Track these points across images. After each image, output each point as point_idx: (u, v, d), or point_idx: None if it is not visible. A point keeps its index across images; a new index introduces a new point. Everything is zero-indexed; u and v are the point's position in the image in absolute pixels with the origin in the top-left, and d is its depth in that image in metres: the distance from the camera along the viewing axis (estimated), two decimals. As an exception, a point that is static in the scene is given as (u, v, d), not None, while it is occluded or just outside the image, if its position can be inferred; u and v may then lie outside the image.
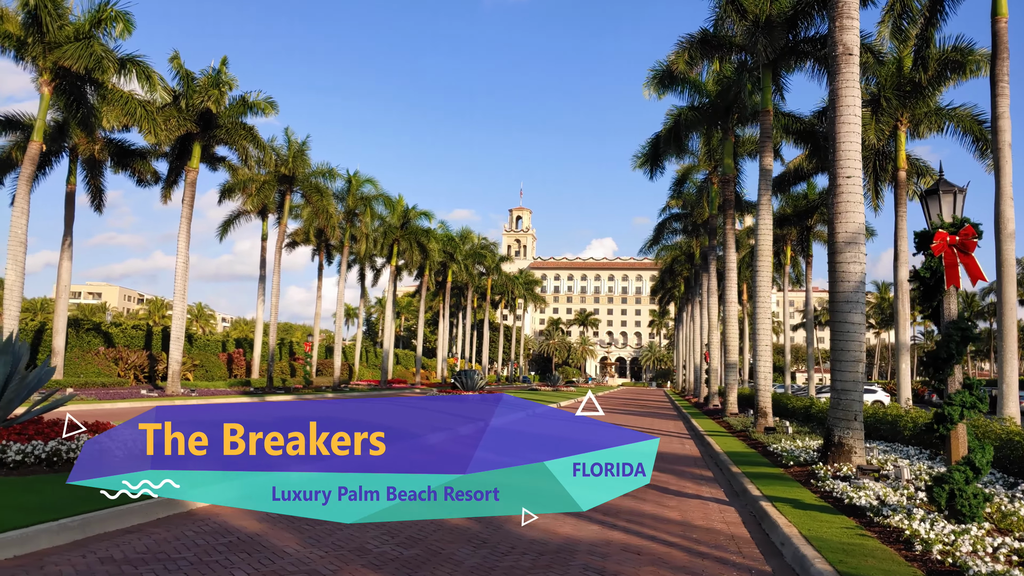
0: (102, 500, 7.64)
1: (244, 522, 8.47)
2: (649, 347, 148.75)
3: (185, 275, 35.38)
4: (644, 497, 11.48)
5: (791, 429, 20.83)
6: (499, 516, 9.30)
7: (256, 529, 8.14)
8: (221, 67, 35.48)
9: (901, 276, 29.85)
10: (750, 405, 37.69)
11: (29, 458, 9.44)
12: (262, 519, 8.65)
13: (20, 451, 9.44)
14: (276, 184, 43.04)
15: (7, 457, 9.33)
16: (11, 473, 9.32)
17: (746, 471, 13.52)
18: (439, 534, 8.31)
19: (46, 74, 27.20)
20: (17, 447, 9.46)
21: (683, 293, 74.41)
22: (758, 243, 23.28)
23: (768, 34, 21.52)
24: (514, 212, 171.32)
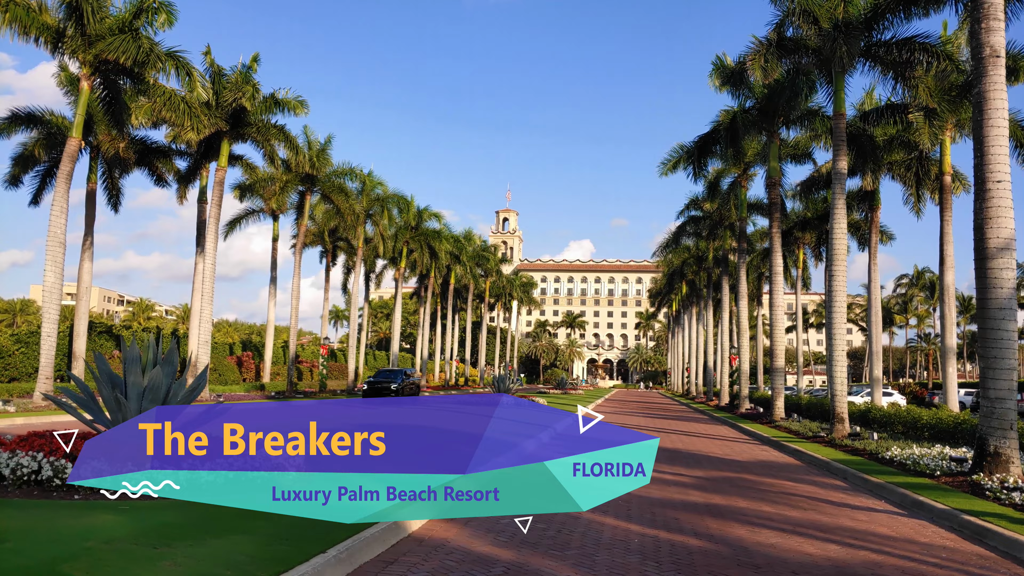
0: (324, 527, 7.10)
1: (482, 547, 7.94)
2: (636, 349, 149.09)
3: (211, 277, 34.50)
4: (812, 508, 11.13)
5: (876, 436, 20.63)
6: (732, 534, 8.90)
7: (509, 557, 7.60)
8: (252, 63, 34.67)
9: (948, 280, 29.91)
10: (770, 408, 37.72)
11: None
12: (495, 543, 8.14)
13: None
14: (297, 183, 42.18)
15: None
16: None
17: (889, 481, 13.22)
18: (699, 556, 7.84)
19: (86, 68, 26.26)
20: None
21: (685, 295, 74.40)
22: (833, 246, 23.11)
23: (847, 38, 21.31)
24: (501, 214, 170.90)
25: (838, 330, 22.91)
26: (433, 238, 58.41)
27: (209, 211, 34.36)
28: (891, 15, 21.59)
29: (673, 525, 9.43)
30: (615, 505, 10.77)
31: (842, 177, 23.32)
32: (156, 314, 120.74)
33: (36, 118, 33.45)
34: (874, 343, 36.02)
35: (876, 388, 35.25)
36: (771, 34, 23.04)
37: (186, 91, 28.15)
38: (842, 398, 22.31)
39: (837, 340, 22.86)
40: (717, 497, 11.88)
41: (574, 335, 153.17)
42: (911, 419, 22.43)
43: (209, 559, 6.14)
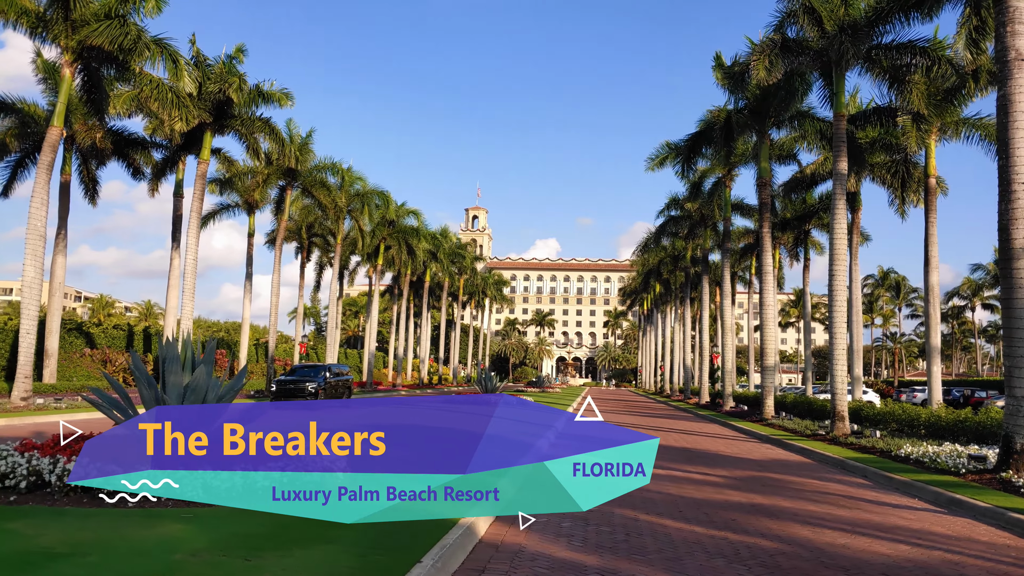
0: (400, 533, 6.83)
1: (562, 552, 7.70)
2: (605, 347, 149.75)
3: (193, 273, 33.64)
4: (854, 507, 11.09)
5: (879, 433, 20.82)
6: (797, 535, 8.77)
7: (596, 563, 7.36)
8: (237, 53, 33.89)
9: (932, 281, 30.35)
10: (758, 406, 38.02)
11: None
12: (571, 547, 7.90)
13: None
14: (279, 178, 41.38)
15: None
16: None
17: (915, 479, 13.26)
18: (782, 559, 7.68)
19: (68, 54, 25.33)
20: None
21: (658, 294, 74.81)
22: (834, 247, 23.23)
23: (853, 39, 21.46)
24: (470, 211, 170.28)
25: (839, 329, 23.08)
26: (411, 235, 57.87)
27: (191, 205, 33.55)
28: (893, 18, 21.78)
29: (735, 526, 9.27)
30: (665, 505, 10.64)
31: (842, 178, 23.51)
32: (116, 311, 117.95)
33: (8, 106, 32.35)
34: (855, 342, 36.47)
35: (856, 387, 35.70)
36: (775, 35, 23.10)
37: (172, 80, 27.28)
38: (842, 396, 22.48)
39: (838, 339, 23.02)
40: (757, 497, 11.78)
41: (543, 333, 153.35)
42: (907, 417, 22.62)
43: (307, 571, 5.81)
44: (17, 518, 6.93)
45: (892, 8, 21.45)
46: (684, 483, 13.14)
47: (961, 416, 19.58)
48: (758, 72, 22.50)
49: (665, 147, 38.81)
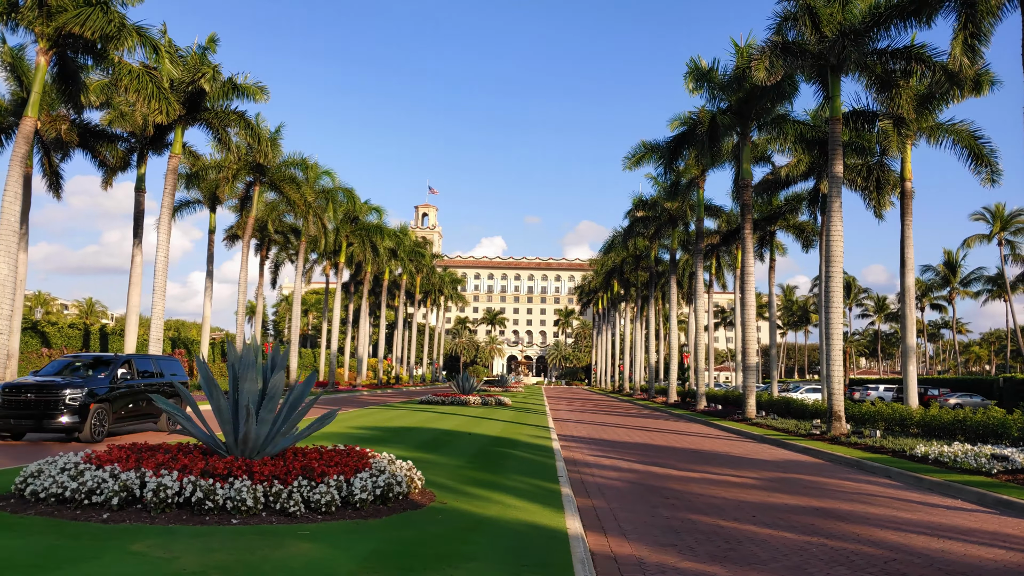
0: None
1: (682, 563, 7.53)
2: (556, 346, 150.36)
3: (164, 271, 32.46)
4: (909, 509, 11.22)
5: (878, 432, 21.22)
6: (887, 539, 8.78)
7: (723, 572, 7.22)
8: (209, 44, 32.85)
9: (908, 282, 31.13)
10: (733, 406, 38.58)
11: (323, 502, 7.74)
12: (686, 556, 7.75)
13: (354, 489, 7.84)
14: (248, 173, 40.25)
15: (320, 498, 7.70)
16: (308, 518, 7.72)
17: (948, 479, 13.49)
18: (899, 566, 7.65)
19: (43, 41, 24.10)
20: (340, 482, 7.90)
21: (616, 293, 75.34)
22: (830, 250, 23.60)
23: (855, 43, 21.84)
24: (420, 208, 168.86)
25: (835, 330, 23.48)
26: (375, 233, 57.09)
27: (163, 200, 32.29)
28: (890, 24, 22.23)
29: (821, 531, 9.25)
30: (733, 510, 10.58)
31: (838, 180, 23.91)
32: (54, 308, 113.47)
33: (-35, 95, 30.68)
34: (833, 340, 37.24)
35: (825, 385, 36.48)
36: (776, 37, 23.35)
37: (152, 70, 26.19)
38: (839, 396, 22.87)
39: (834, 340, 23.41)
40: (811, 500, 11.81)
41: (494, 332, 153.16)
42: (898, 417, 23.17)
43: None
44: (131, 538, 6.43)
45: (890, 14, 21.90)
46: (725, 486, 13.13)
47: (960, 416, 20.09)
48: (758, 73, 22.72)
49: (642, 146, 39.07)
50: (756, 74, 22.75)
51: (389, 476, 8.51)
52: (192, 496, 7.35)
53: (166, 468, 7.79)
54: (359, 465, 8.81)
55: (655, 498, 11.51)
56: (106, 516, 7.13)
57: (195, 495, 7.32)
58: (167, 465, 7.89)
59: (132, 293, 39.84)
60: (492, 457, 14.74)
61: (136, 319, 40.18)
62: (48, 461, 8.44)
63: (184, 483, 7.44)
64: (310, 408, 9.31)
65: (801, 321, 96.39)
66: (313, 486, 7.84)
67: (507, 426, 23.34)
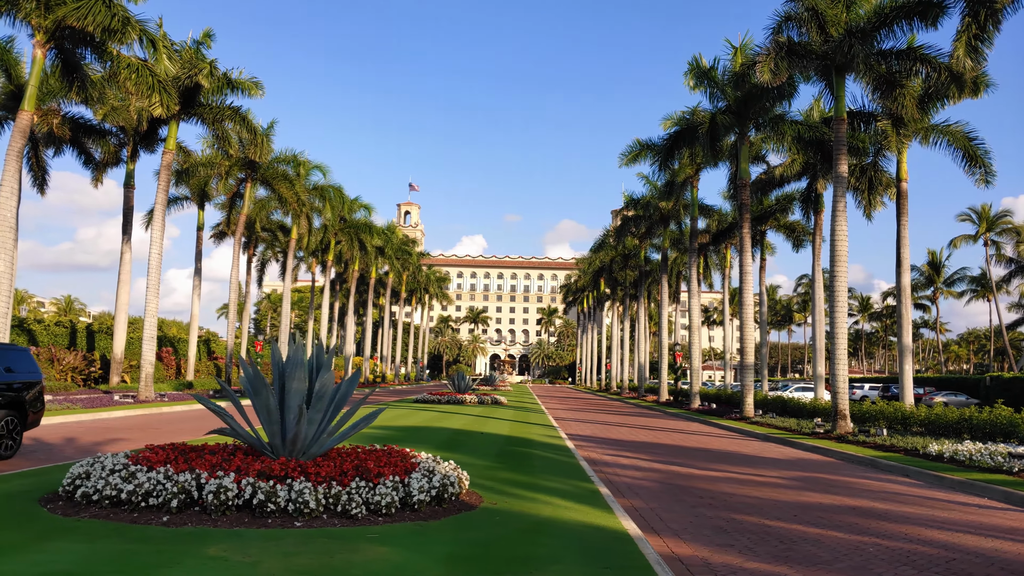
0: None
1: (749, 563, 7.48)
2: (538, 344, 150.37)
3: (158, 268, 31.94)
4: (943, 508, 11.27)
5: (884, 431, 21.37)
6: (938, 539, 8.78)
7: (797, 574, 7.17)
8: (204, 39, 32.45)
9: (904, 282, 31.42)
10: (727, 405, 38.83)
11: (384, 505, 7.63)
12: (753, 557, 7.69)
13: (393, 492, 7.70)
14: (240, 169, 39.80)
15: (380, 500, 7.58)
16: (370, 520, 7.57)
17: (972, 478, 13.58)
18: (963, 565, 7.65)
19: (41, 34, 23.63)
20: (390, 485, 7.79)
21: (602, 292, 75.46)
22: (836, 250, 23.71)
23: (863, 44, 21.96)
24: (402, 207, 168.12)
25: (840, 329, 23.57)
26: (364, 231, 56.73)
27: (157, 197, 31.83)
28: (895, 25, 22.40)
29: (870, 530, 9.24)
30: (772, 509, 10.56)
31: (843, 180, 24.03)
32: (31, 306, 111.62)
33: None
34: (818, 340, 37.50)
35: (819, 384, 36.68)
36: (781, 37, 23.41)
37: (151, 63, 25.79)
38: (844, 395, 22.97)
39: (839, 340, 23.51)
40: (844, 499, 11.83)
41: (477, 331, 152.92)
42: (900, 415, 23.35)
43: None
44: (201, 542, 6.26)
45: (895, 15, 22.06)
46: (752, 485, 13.12)
47: (966, 415, 20.26)
48: (763, 75, 22.77)
49: (637, 144, 39.13)
50: (760, 76, 22.78)
51: (442, 477, 8.38)
52: (253, 498, 7.18)
53: (221, 470, 7.61)
54: (407, 466, 8.67)
55: (689, 498, 11.46)
56: (166, 519, 6.94)
57: (256, 497, 7.15)
58: (221, 467, 7.71)
59: (121, 291, 39.33)
60: (516, 457, 14.64)
61: (125, 317, 39.68)
62: (92, 462, 8.23)
63: (243, 485, 7.27)
64: (359, 407, 9.14)
65: (784, 320, 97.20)
66: (371, 487, 7.69)
67: (514, 425, 23.24)
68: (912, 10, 21.67)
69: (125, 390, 34.50)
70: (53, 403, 25.09)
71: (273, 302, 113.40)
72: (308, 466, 7.84)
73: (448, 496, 8.33)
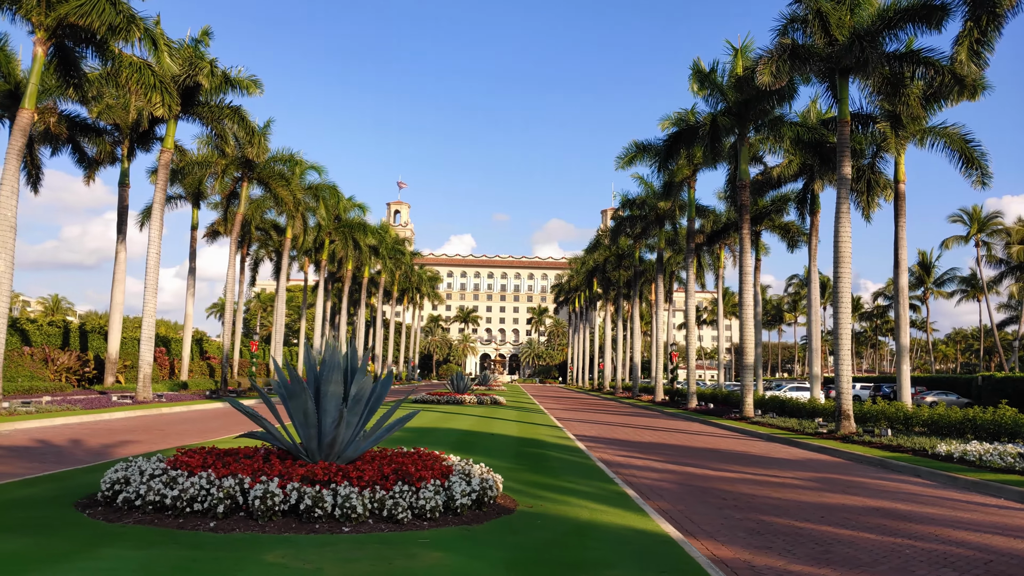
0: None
1: (793, 566, 7.50)
2: (529, 344, 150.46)
3: (156, 267, 31.73)
4: (965, 509, 11.36)
5: (889, 431, 21.50)
6: (970, 540, 8.85)
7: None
8: (203, 37, 32.22)
9: (902, 283, 31.64)
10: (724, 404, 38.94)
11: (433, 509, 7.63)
12: (791, 560, 7.72)
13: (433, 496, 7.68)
14: (236, 169, 39.57)
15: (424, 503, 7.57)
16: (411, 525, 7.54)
17: (986, 479, 13.68)
18: (1000, 567, 7.71)
19: (42, 32, 23.41)
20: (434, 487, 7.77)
21: (595, 292, 75.56)
22: (839, 250, 23.84)
23: (872, 46, 22.09)
24: (392, 206, 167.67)
25: (844, 330, 23.70)
26: (358, 230, 56.52)
27: (155, 196, 31.65)
28: (899, 28, 22.55)
29: (899, 532, 9.30)
30: (798, 511, 10.59)
31: (846, 182, 24.15)
32: (17, 304, 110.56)
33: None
34: (814, 340, 37.72)
35: (815, 384, 36.91)
36: (784, 39, 23.52)
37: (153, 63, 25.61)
38: (847, 395, 23.11)
39: (843, 340, 23.65)
40: (867, 500, 11.89)
41: (467, 330, 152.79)
42: (902, 416, 23.50)
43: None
44: (255, 548, 6.22)
45: (900, 18, 22.21)
46: (771, 486, 13.17)
47: (970, 415, 20.42)
48: (763, 77, 22.88)
49: (634, 146, 39.20)
50: (761, 78, 22.89)
51: (481, 480, 8.36)
52: (299, 503, 7.14)
53: (264, 474, 7.56)
54: (443, 469, 8.65)
55: (713, 499, 11.49)
56: (212, 524, 6.89)
57: (303, 502, 7.11)
58: (264, 471, 7.66)
59: (116, 290, 39.08)
60: (532, 458, 14.65)
61: (120, 316, 39.42)
62: (127, 466, 8.16)
63: (288, 490, 7.23)
64: (396, 409, 9.11)
65: (775, 320, 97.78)
66: (414, 491, 7.67)
67: (520, 426, 23.24)
68: (917, 13, 21.83)
69: (121, 390, 34.26)
70: (52, 404, 24.90)
71: (263, 301, 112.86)
72: (349, 470, 7.81)
73: (487, 500, 8.31)
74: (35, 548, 6.14)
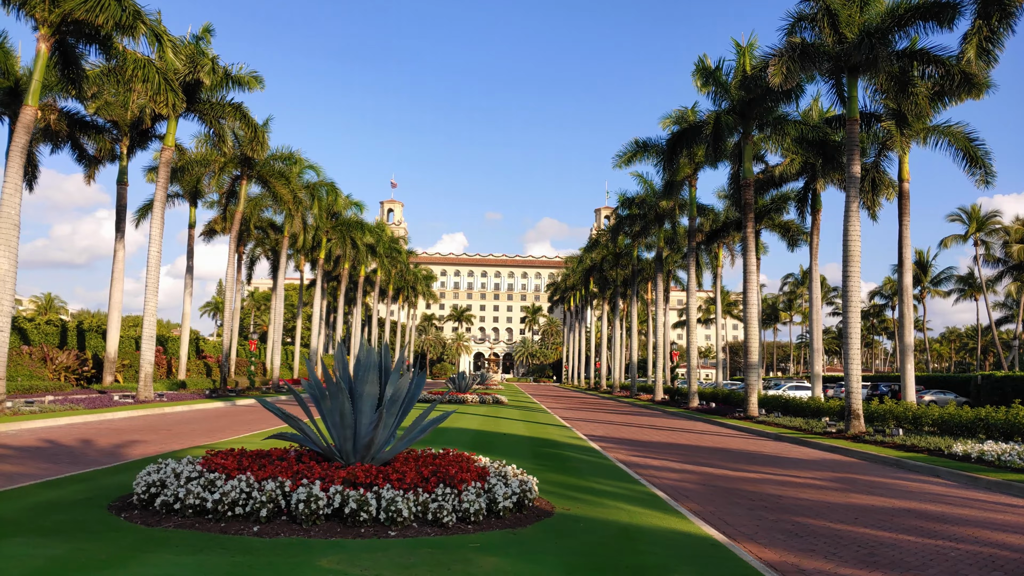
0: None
1: (842, 569, 7.39)
2: (523, 343, 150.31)
3: (157, 266, 31.42)
4: (993, 509, 11.29)
5: (900, 431, 21.45)
6: (1013, 543, 8.77)
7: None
8: (204, 34, 31.94)
9: (906, 282, 31.64)
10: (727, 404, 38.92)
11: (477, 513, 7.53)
12: (838, 563, 7.61)
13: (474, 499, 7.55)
14: (235, 167, 39.29)
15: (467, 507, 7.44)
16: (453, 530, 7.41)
17: (1009, 479, 13.61)
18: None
19: (45, 28, 23.10)
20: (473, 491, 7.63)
21: (590, 291, 75.49)
22: (848, 249, 23.77)
23: (883, 44, 22.04)
24: (385, 204, 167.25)
25: (853, 329, 23.65)
26: (355, 228, 56.30)
27: (155, 194, 31.28)
28: (909, 26, 22.51)
29: (939, 534, 9.22)
30: (830, 512, 10.49)
31: (855, 181, 24.09)
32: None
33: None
34: (815, 340, 37.76)
35: (817, 383, 36.99)
36: (793, 39, 23.46)
37: (156, 60, 25.34)
38: (857, 394, 23.05)
39: (852, 340, 23.60)
40: (896, 501, 11.80)
41: (461, 329, 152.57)
42: (911, 415, 23.47)
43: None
44: (305, 553, 6.07)
45: (911, 16, 22.16)
46: (794, 486, 13.08)
47: (982, 414, 20.39)
48: (774, 79, 22.81)
49: (634, 145, 39.09)
50: (773, 79, 22.80)
51: (520, 483, 8.22)
52: (344, 507, 6.98)
53: (305, 477, 7.40)
54: (479, 470, 8.51)
55: (742, 500, 11.38)
56: (256, 529, 6.73)
57: (347, 506, 6.95)
58: (303, 474, 7.50)
59: (115, 288, 38.79)
60: (552, 459, 14.52)
61: (119, 315, 39.16)
62: (159, 468, 7.99)
63: (331, 493, 7.07)
64: (431, 411, 8.96)
65: (770, 319, 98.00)
66: (456, 494, 7.52)
67: (528, 426, 23.11)
68: (928, 11, 21.80)
69: (121, 390, 33.96)
70: (54, 403, 24.63)
71: (257, 300, 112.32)
72: (389, 472, 7.66)
73: (527, 502, 8.18)
74: (79, 554, 5.97)
